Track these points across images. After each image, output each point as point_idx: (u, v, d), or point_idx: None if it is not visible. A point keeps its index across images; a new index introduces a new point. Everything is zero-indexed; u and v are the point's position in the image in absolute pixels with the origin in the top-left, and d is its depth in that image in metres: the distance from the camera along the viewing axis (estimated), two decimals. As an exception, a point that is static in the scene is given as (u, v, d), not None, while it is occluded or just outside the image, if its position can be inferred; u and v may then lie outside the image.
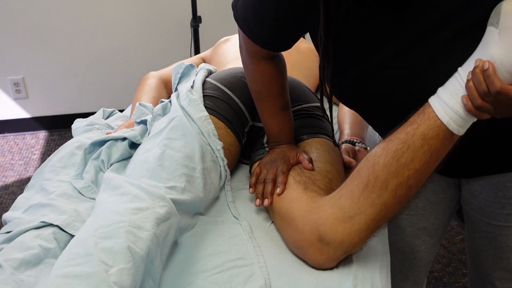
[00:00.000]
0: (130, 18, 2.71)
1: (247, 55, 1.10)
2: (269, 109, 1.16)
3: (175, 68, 1.39)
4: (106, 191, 1.02)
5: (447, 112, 0.81)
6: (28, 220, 1.03)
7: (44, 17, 2.64)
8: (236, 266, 0.97)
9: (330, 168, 1.12)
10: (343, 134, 1.37)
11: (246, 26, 1.01)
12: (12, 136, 2.89)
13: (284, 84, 1.15)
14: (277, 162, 1.13)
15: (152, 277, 0.90)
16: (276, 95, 1.14)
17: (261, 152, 1.25)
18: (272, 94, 1.14)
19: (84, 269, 0.80)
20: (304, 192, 1.03)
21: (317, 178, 1.07)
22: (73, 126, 1.47)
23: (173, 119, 1.16)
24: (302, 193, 1.03)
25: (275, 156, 1.16)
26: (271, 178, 1.10)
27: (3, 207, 2.30)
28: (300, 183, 1.06)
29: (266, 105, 1.16)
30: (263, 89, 1.14)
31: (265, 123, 1.20)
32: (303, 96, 1.33)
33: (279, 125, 1.18)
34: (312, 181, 1.06)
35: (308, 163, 1.11)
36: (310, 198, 1.00)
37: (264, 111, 1.18)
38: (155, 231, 0.90)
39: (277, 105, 1.15)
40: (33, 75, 2.78)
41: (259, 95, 1.16)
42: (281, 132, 1.19)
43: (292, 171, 1.11)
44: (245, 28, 1.02)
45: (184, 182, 1.05)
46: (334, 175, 1.11)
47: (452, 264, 1.98)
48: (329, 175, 1.10)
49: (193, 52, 2.57)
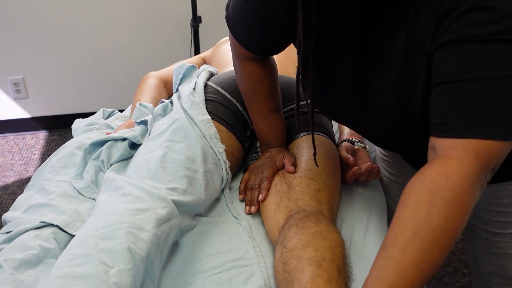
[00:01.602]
0: (130, 18, 2.71)
1: (235, 57, 1.11)
2: (258, 111, 1.16)
3: (176, 68, 1.39)
4: (107, 192, 1.02)
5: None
6: (28, 220, 1.03)
7: (44, 17, 2.64)
8: (236, 266, 0.97)
9: (313, 165, 1.11)
10: (343, 134, 1.37)
11: (234, 29, 1.01)
12: (12, 136, 2.89)
13: (273, 87, 1.15)
14: (263, 167, 1.14)
15: (152, 278, 0.90)
16: (264, 97, 1.14)
17: (254, 157, 1.26)
18: (260, 96, 1.14)
19: (83, 269, 0.80)
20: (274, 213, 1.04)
21: (295, 184, 1.07)
22: (73, 126, 1.47)
23: (175, 121, 1.16)
24: (272, 213, 1.04)
25: (263, 160, 1.17)
26: (257, 184, 1.12)
27: (3, 207, 2.30)
28: (278, 193, 1.07)
29: (255, 107, 1.16)
30: (251, 91, 1.14)
31: (255, 125, 1.20)
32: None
33: (268, 127, 1.18)
34: (287, 194, 1.06)
35: (290, 166, 1.11)
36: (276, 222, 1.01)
37: (253, 113, 1.18)
38: (155, 232, 0.90)
39: (265, 107, 1.15)
40: (33, 75, 2.78)
41: (247, 96, 1.16)
42: (271, 135, 1.19)
43: (277, 176, 1.12)
44: (233, 31, 1.02)
45: (185, 184, 1.05)
46: (318, 171, 1.10)
47: (452, 264, 1.98)
48: (311, 174, 1.09)
49: (193, 52, 2.57)
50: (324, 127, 1.27)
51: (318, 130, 1.24)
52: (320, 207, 1.02)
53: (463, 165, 0.68)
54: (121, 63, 2.82)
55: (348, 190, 1.23)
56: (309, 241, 0.87)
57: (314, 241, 0.87)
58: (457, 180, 0.68)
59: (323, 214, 1.00)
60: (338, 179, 1.15)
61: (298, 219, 0.95)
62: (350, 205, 1.18)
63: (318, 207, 1.02)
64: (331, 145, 1.22)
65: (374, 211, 1.18)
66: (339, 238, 0.91)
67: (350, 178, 1.20)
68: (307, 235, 0.89)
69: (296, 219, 0.95)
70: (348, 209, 1.16)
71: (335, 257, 0.85)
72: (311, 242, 0.87)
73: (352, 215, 1.14)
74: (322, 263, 0.83)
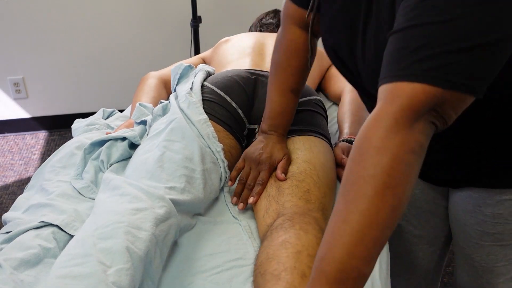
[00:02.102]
0: (130, 18, 2.71)
1: (283, 20, 1.11)
2: (280, 85, 1.14)
3: (173, 69, 1.39)
4: (105, 192, 1.02)
5: None
6: (28, 220, 1.03)
7: (44, 17, 2.64)
8: (235, 266, 0.97)
9: (305, 167, 1.12)
10: (343, 133, 1.37)
11: None
12: (12, 136, 2.89)
13: (305, 66, 1.13)
14: (261, 166, 1.12)
15: (151, 278, 0.90)
16: (292, 71, 1.12)
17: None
18: (288, 69, 1.12)
19: (82, 269, 0.80)
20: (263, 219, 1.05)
21: (285, 187, 1.07)
22: (73, 126, 1.47)
23: (172, 121, 1.16)
24: (261, 219, 1.05)
25: (263, 153, 1.14)
26: (252, 184, 1.12)
27: (3, 207, 2.30)
28: (267, 198, 1.08)
29: (279, 79, 1.14)
30: (282, 59, 1.13)
31: (269, 101, 1.16)
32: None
33: (282, 105, 1.15)
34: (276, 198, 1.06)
35: (281, 174, 1.10)
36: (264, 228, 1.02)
37: (274, 86, 1.15)
38: (154, 231, 0.90)
39: (288, 83, 1.13)
40: (33, 75, 2.78)
41: (277, 66, 1.14)
42: (282, 115, 1.16)
43: (270, 178, 1.12)
44: None
45: (184, 183, 1.05)
46: (309, 173, 1.11)
47: (452, 264, 1.97)
48: (301, 176, 1.09)
49: (193, 52, 2.57)
50: (319, 126, 1.27)
51: (312, 131, 1.24)
52: (309, 206, 1.03)
53: (382, 111, 0.67)
54: (121, 63, 2.82)
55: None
56: (274, 253, 0.89)
57: (279, 252, 0.88)
58: (374, 127, 0.67)
59: (309, 212, 1.00)
60: (332, 178, 1.16)
61: (273, 228, 0.96)
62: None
63: (307, 207, 1.02)
64: (324, 145, 1.22)
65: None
66: (310, 239, 0.91)
67: None
68: (274, 246, 0.90)
69: (272, 229, 0.96)
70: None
71: (299, 263, 0.86)
72: (275, 254, 0.88)
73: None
74: (281, 275, 0.84)
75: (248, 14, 2.58)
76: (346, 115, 1.43)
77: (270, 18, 1.87)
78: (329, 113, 1.58)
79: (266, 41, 1.58)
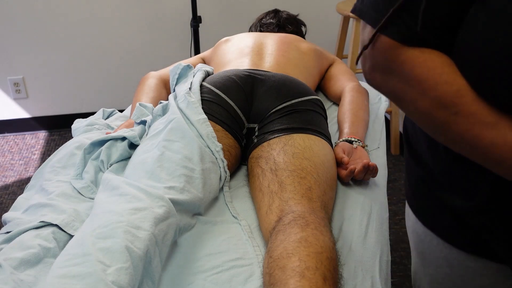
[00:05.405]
0: (130, 18, 2.71)
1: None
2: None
3: (172, 69, 1.39)
4: (105, 192, 1.02)
5: None
6: (28, 220, 1.03)
7: (44, 17, 2.64)
8: (235, 266, 0.97)
9: (306, 164, 1.12)
10: (343, 133, 1.37)
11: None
12: (12, 136, 2.89)
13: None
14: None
15: (151, 277, 0.90)
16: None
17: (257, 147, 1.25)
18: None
19: (81, 269, 0.80)
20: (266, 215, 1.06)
21: (287, 183, 1.08)
22: (73, 126, 1.47)
23: (171, 121, 1.17)
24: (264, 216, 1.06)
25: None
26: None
27: (3, 207, 2.30)
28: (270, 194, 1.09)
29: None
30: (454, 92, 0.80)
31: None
32: (294, 92, 1.32)
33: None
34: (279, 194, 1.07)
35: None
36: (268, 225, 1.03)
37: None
38: (153, 231, 0.90)
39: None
40: (33, 75, 2.78)
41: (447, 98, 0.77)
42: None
43: (270, 174, 1.12)
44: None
45: (183, 182, 1.05)
46: (310, 170, 1.11)
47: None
48: (303, 173, 1.09)
49: (193, 52, 2.57)
50: (319, 126, 1.27)
51: (312, 129, 1.25)
52: (312, 205, 1.03)
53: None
54: (121, 63, 2.82)
55: (349, 189, 1.23)
56: (293, 249, 0.88)
57: (299, 249, 0.87)
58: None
59: (315, 211, 1.00)
60: (331, 176, 1.16)
61: (286, 223, 0.95)
62: (351, 204, 1.18)
63: (310, 205, 1.02)
64: (324, 144, 1.23)
65: (375, 210, 1.18)
66: (327, 242, 0.90)
67: (346, 177, 1.21)
68: (293, 242, 0.89)
69: (284, 224, 0.96)
70: (348, 208, 1.17)
71: (320, 264, 0.85)
72: (295, 251, 0.87)
73: (353, 214, 1.15)
74: (305, 273, 0.83)
75: (248, 14, 2.58)
76: (346, 115, 1.43)
77: (270, 18, 1.87)
78: (329, 113, 1.58)
79: (266, 41, 1.58)
